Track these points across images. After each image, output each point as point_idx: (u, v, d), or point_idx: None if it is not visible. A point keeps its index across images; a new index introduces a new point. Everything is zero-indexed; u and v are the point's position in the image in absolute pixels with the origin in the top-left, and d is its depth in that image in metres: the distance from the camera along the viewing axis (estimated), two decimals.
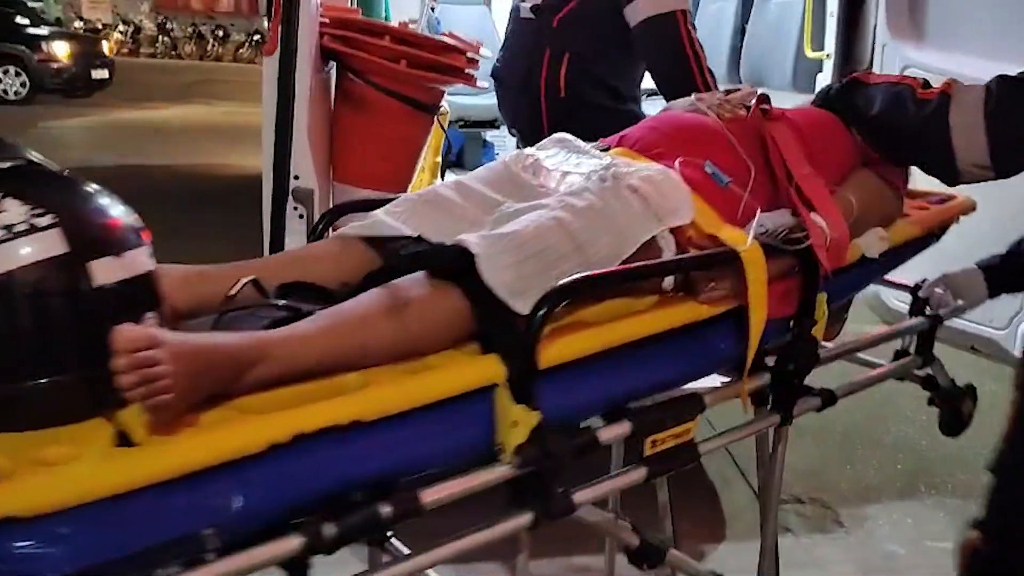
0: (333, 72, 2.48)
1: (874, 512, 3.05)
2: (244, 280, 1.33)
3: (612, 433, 1.42)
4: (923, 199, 2.13)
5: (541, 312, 1.26)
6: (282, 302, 1.31)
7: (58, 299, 1.00)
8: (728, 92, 1.92)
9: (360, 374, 1.24)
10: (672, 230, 1.53)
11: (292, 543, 1.08)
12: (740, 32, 4.45)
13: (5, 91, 12.76)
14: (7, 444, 1.02)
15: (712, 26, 4.39)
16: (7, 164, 1.04)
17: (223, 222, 5.99)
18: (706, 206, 1.58)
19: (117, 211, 1.10)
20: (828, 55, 3.47)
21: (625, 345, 1.45)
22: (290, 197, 2.04)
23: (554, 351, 1.35)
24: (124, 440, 1.05)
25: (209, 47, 23.68)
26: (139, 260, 1.09)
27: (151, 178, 8.33)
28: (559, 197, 1.50)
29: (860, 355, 2.05)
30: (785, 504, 1.70)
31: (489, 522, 1.30)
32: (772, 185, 1.72)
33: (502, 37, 3.08)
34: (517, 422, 1.25)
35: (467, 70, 2.50)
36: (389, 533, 1.66)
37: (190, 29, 23.85)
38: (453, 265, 1.34)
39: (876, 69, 3.18)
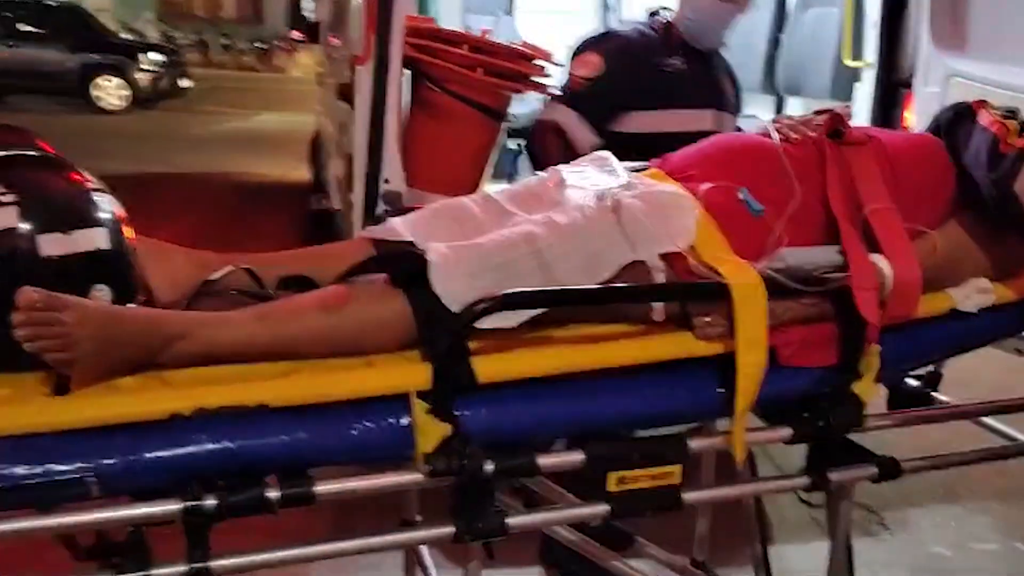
0: (406, 80, 2.59)
1: (917, 515, 3.07)
2: (229, 267, 1.46)
3: (558, 460, 1.36)
4: None
5: (463, 324, 1.25)
6: (257, 291, 1.42)
7: (7, 263, 1.19)
8: (819, 112, 1.73)
9: (289, 363, 1.31)
10: (668, 256, 1.43)
11: (170, 506, 1.17)
12: (775, 41, 4.52)
13: (108, 100, 13.28)
14: None
15: (744, 35, 4.25)
16: (3, 153, 1.26)
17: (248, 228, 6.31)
18: (719, 234, 1.46)
19: (81, 197, 1.27)
20: (868, 63, 3.45)
21: (594, 372, 1.39)
22: (379, 200, 2.16)
23: (495, 367, 1.33)
24: (61, 389, 1.22)
25: (213, 56, 22.65)
26: (90, 238, 1.25)
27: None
28: (546, 213, 1.46)
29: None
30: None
31: (411, 527, 1.31)
32: (829, 217, 1.53)
33: None
34: (425, 431, 1.25)
35: (537, 78, 2.57)
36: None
37: (194, 36, 22.85)
38: (413, 271, 1.37)
39: (919, 79, 3.13)
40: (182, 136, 11.52)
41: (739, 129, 2.76)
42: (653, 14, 2.71)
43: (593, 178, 1.61)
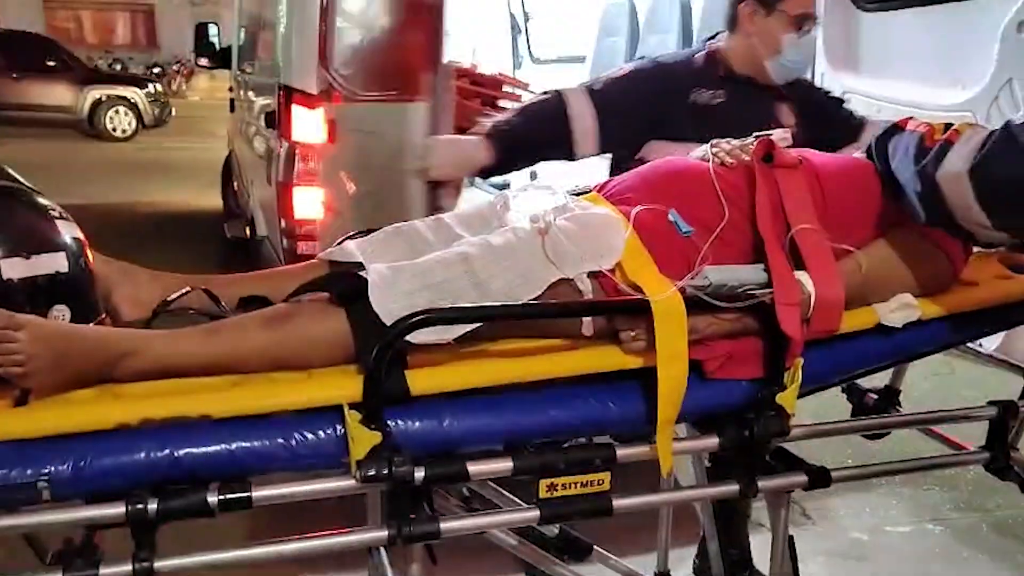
0: None
1: (835, 504, 3.26)
2: (185, 288, 1.56)
3: (487, 467, 1.43)
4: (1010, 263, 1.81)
5: (387, 339, 1.33)
6: (204, 310, 1.52)
7: None
8: (759, 136, 1.81)
9: (235, 377, 1.41)
10: (596, 275, 1.51)
11: (116, 510, 1.27)
12: None
13: (116, 128, 14.08)
14: None
15: (608, 62, 4.48)
16: None
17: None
18: (646, 254, 1.53)
19: (42, 224, 1.38)
20: None
21: (525, 385, 1.47)
22: None
23: (428, 380, 1.41)
24: (20, 402, 1.33)
25: None
26: (49, 262, 1.35)
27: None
28: (483, 235, 1.55)
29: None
30: (757, 503, 1.70)
31: (349, 531, 1.40)
32: (758, 238, 1.60)
33: None
34: (357, 439, 1.34)
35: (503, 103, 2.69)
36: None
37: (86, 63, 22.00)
38: (355, 290, 1.46)
39: None
40: (80, 164, 11.45)
41: None
42: (707, 39, 2.53)
43: (534, 202, 1.69)
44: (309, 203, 2.96)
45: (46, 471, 1.25)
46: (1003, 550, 3.04)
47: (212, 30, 6.65)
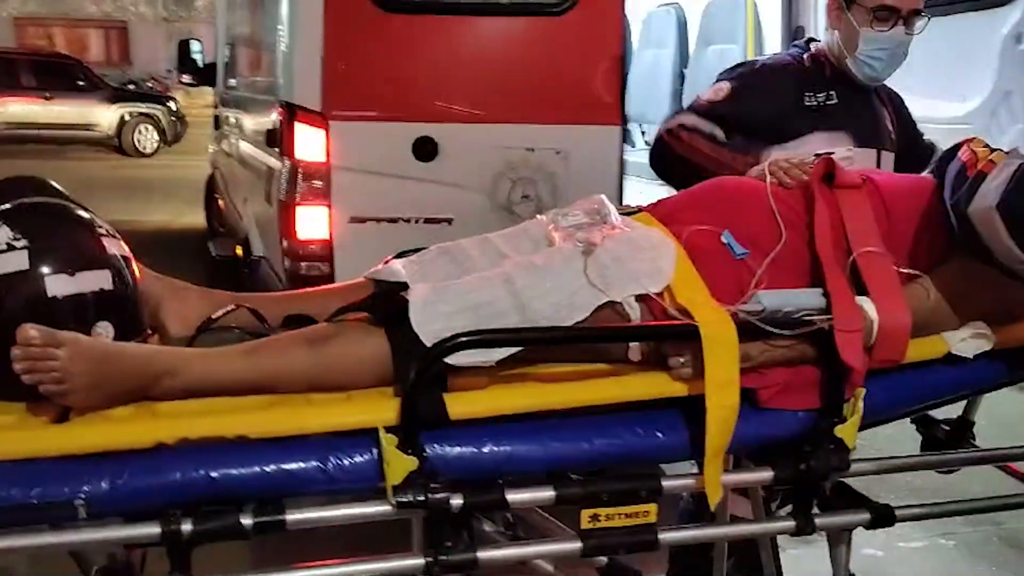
0: None
1: None
2: (230, 306, 1.56)
3: (527, 496, 1.39)
4: None
5: (424, 362, 1.30)
6: (240, 329, 1.51)
7: (18, 303, 1.31)
8: (819, 156, 1.73)
9: (272, 397, 1.39)
10: (645, 298, 1.45)
11: (152, 530, 1.26)
12: (680, 77, 4.67)
13: (142, 144, 14.45)
14: None
15: (649, 73, 4.48)
16: (15, 202, 1.38)
17: None
18: (697, 277, 1.47)
19: (88, 242, 1.39)
20: None
21: (571, 411, 1.42)
22: None
23: (467, 404, 1.38)
24: (62, 419, 1.33)
25: None
26: (94, 280, 1.36)
27: None
28: (529, 256, 1.51)
29: None
30: None
31: (385, 557, 1.37)
32: (816, 261, 1.53)
33: None
34: (392, 464, 1.31)
35: None
36: None
37: None
38: (397, 311, 1.44)
39: None
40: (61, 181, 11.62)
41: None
42: (807, 40, 2.39)
43: (581, 221, 1.65)
44: (313, 223, 2.95)
45: (83, 489, 1.25)
46: (1016, 563, 3.00)
47: (195, 47, 6.64)
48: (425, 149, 3.04)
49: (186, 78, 6.70)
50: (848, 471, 1.48)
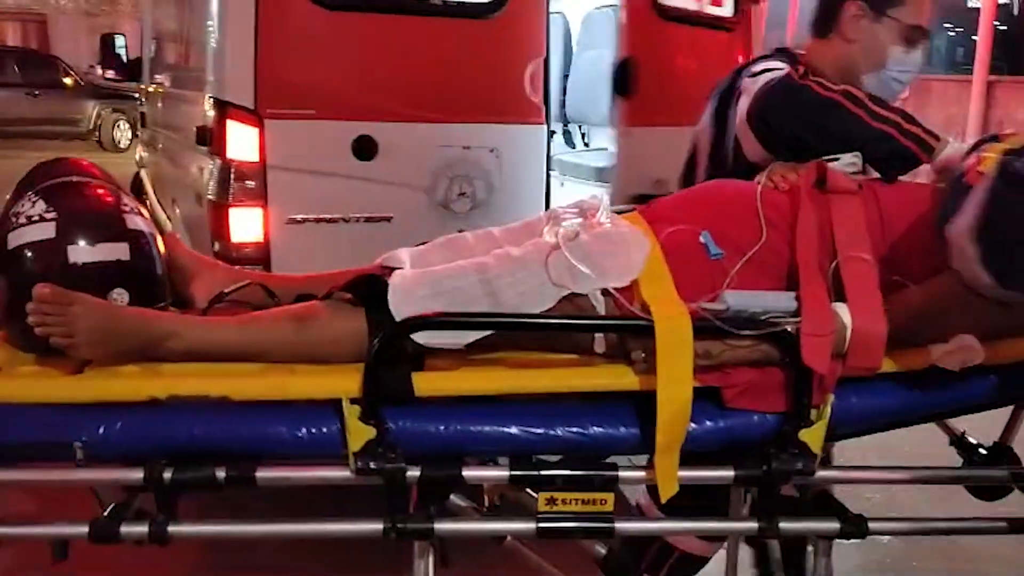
0: None
1: None
2: (244, 282, 1.70)
3: (483, 474, 1.46)
4: None
5: (384, 336, 1.40)
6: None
7: (43, 267, 1.49)
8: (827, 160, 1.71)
9: (263, 365, 1.52)
10: (613, 291, 1.49)
11: (134, 474, 1.41)
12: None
13: (120, 140, 14.56)
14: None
15: (588, 73, 4.32)
16: (54, 181, 1.57)
17: None
18: (667, 275, 1.50)
19: (111, 216, 1.56)
20: None
21: (534, 397, 1.48)
22: None
23: (434, 382, 1.46)
24: (78, 371, 1.51)
25: None
26: (112, 250, 1.53)
27: None
28: (508, 247, 1.58)
29: None
30: None
31: (346, 520, 1.47)
32: (795, 264, 1.53)
33: None
34: (353, 432, 1.41)
35: None
36: None
37: None
38: (382, 293, 1.54)
39: None
40: None
41: None
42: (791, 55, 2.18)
43: (573, 217, 1.70)
44: (247, 224, 2.89)
45: (82, 434, 1.41)
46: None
47: (119, 41, 6.38)
48: (364, 148, 3.00)
49: (110, 74, 6.52)
50: (813, 477, 1.47)
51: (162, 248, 1.66)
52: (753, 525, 1.50)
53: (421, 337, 1.46)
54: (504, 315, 1.46)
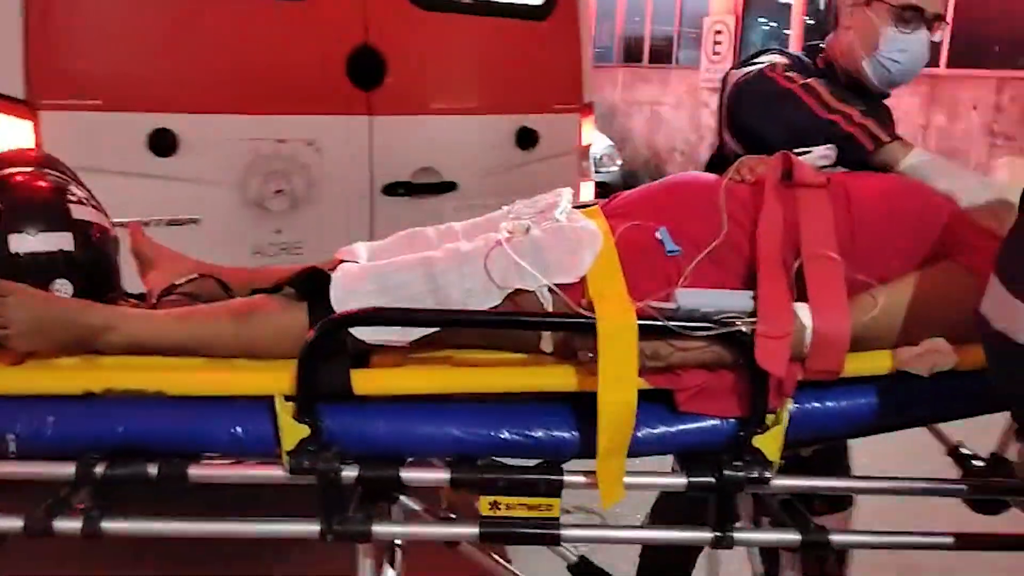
0: None
1: None
2: (193, 275, 1.67)
3: (422, 476, 1.41)
4: None
5: (318, 333, 1.35)
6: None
7: None
8: (799, 153, 1.63)
9: (202, 360, 1.48)
10: (562, 288, 1.43)
11: (67, 469, 1.38)
12: None
13: None
14: None
15: None
16: (2, 171, 1.55)
17: None
18: (619, 272, 1.43)
19: (55, 207, 1.53)
20: None
21: (478, 396, 1.43)
22: None
23: (373, 381, 1.42)
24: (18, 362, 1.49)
25: None
26: (55, 240, 1.50)
27: None
28: (460, 242, 1.53)
29: None
30: None
31: (284, 520, 1.43)
32: (756, 261, 1.45)
33: None
34: (286, 431, 1.36)
35: None
36: None
37: None
38: (322, 287, 1.49)
39: None
40: None
41: None
42: (816, 49, 2.15)
43: (531, 211, 1.64)
44: None
45: (16, 427, 1.39)
46: None
47: None
48: (163, 142, 2.71)
49: None
50: (768, 485, 1.39)
51: (118, 239, 1.64)
52: (707, 535, 1.43)
53: (364, 333, 1.42)
54: (445, 311, 1.41)
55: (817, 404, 1.42)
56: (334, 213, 2.91)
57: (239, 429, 1.40)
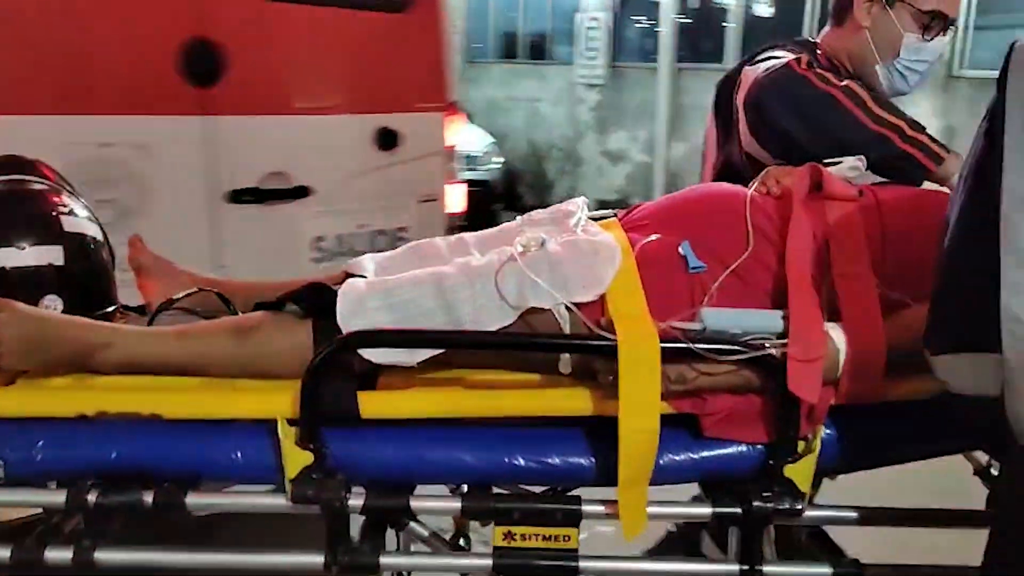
0: None
1: None
2: (192, 289, 1.59)
3: (432, 505, 1.33)
4: None
5: (323, 354, 1.28)
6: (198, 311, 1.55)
7: None
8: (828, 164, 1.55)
9: (201, 380, 1.41)
10: (580, 306, 1.35)
11: (58, 497, 1.31)
12: None
13: None
14: None
15: None
16: None
17: None
18: (639, 289, 1.36)
19: (45, 219, 1.46)
20: None
21: (492, 420, 1.35)
22: None
23: (381, 404, 1.34)
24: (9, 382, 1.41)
25: None
26: (44, 255, 1.43)
27: None
28: (471, 256, 1.45)
29: None
30: None
31: (288, 551, 1.35)
32: (785, 279, 1.37)
33: None
34: (289, 457, 1.29)
35: None
36: None
37: None
38: (331, 303, 1.42)
39: None
40: None
41: None
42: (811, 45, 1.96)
43: (545, 223, 1.56)
44: None
45: (5, 451, 1.31)
46: None
47: None
48: None
49: None
50: (800, 517, 1.31)
51: (116, 251, 1.56)
52: (734, 568, 1.35)
53: (372, 353, 1.34)
54: (456, 332, 1.33)
55: (850, 431, 1.35)
56: (172, 224, 2.58)
57: (239, 455, 1.33)
